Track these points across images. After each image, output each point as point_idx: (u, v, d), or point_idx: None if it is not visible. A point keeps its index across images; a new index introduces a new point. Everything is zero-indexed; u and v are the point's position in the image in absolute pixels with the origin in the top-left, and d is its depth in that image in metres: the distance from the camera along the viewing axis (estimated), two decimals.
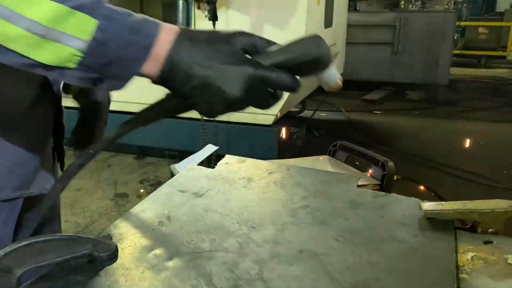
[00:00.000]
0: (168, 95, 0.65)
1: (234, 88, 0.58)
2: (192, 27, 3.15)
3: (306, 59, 0.60)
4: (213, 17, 2.84)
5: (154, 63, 0.58)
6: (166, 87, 0.62)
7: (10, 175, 0.75)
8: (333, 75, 0.66)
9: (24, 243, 0.54)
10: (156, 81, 0.60)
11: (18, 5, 0.52)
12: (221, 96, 0.59)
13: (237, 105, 0.61)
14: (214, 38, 0.59)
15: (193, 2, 3.11)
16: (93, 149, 0.67)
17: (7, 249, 0.53)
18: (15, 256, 0.53)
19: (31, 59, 0.54)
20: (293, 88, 0.62)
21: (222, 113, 0.63)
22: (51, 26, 0.52)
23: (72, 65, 0.55)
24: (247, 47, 0.60)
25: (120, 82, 0.60)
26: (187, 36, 0.59)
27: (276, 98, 0.63)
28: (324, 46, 0.60)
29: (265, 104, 0.62)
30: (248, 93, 0.59)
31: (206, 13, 2.87)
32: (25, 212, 0.81)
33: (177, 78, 0.59)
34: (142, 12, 5.17)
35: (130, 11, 0.59)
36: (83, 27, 0.53)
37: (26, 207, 0.81)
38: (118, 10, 0.57)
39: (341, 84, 0.68)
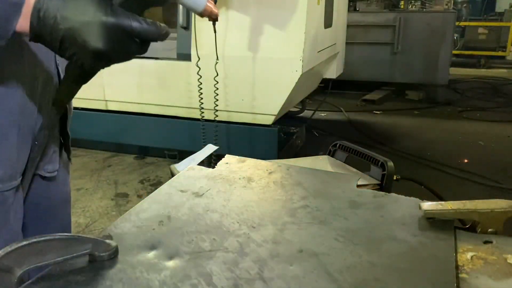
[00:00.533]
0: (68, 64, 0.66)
1: (96, 39, 0.59)
2: (192, 27, 3.15)
3: None
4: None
5: (25, 20, 0.59)
6: (41, 43, 0.62)
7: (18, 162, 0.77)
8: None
9: (24, 243, 0.54)
10: (31, 38, 0.61)
11: None
12: (86, 48, 0.60)
13: (103, 57, 0.61)
14: None
15: None
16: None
17: (7, 249, 0.53)
18: (15, 256, 0.53)
19: None
20: (154, 36, 0.62)
21: (92, 65, 0.63)
22: None
23: None
24: None
25: None
26: None
27: (142, 48, 0.63)
28: None
29: (127, 55, 0.63)
30: (110, 43, 0.59)
31: None
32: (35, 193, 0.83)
33: (46, 33, 0.60)
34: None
35: None
36: None
37: (36, 190, 0.83)
38: None
39: (214, 9, 0.65)
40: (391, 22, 6.01)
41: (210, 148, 1.70)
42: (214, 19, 0.70)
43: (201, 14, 0.68)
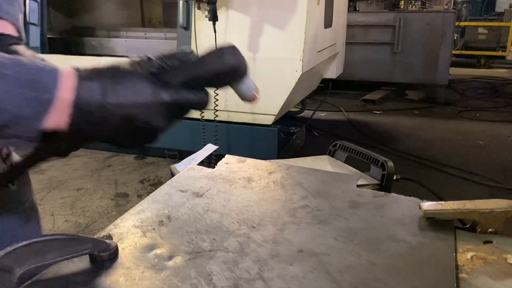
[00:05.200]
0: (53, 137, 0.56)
1: (158, 119, 0.55)
2: (192, 27, 3.15)
3: (221, 69, 0.58)
4: (213, 17, 2.84)
5: (58, 116, 0.51)
6: (79, 135, 0.56)
7: None
8: (250, 86, 0.66)
9: (24, 243, 0.54)
10: (66, 131, 0.53)
11: None
12: (147, 130, 0.56)
13: (162, 132, 0.57)
14: (118, 73, 0.54)
15: (193, 2, 3.11)
16: None
17: (7, 249, 0.53)
18: (15, 256, 0.53)
19: None
20: (204, 106, 0.60)
21: (150, 142, 0.59)
22: None
23: None
24: (155, 70, 0.56)
25: (19, 141, 0.53)
26: (89, 77, 0.53)
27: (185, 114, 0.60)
28: (240, 55, 0.59)
29: (177, 122, 0.60)
30: (171, 119, 0.57)
31: (206, 13, 2.87)
32: None
33: (93, 125, 0.53)
34: (142, 12, 5.15)
35: (19, 58, 0.51)
36: None
37: None
38: (6, 62, 0.49)
39: (258, 96, 0.67)
40: (391, 22, 6.01)
41: (210, 148, 1.71)
42: (252, 102, 0.72)
43: (248, 100, 0.70)
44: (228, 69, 0.58)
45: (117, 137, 0.56)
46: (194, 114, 3.37)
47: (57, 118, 0.51)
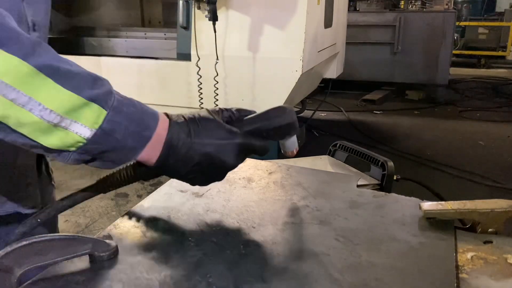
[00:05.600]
0: (134, 165, 0.68)
1: (230, 157, 0.66)
2: (192, 27, 3.15)
3: (281, 124, 0.69)
4: (213, 17, 2.84)
5: (151, 150, 0.61)
6: (163, 170, 0.65)
7: None
8: (295, 142, 0.77)
9: (24, 243, 0.54)
10: (153, 166, 0.63)
11: (37, 92, 0.50)
12: (221, 167, 0.67)
13: (230, 170, 0.69)
14: (200, 118, 0.65)
15: (193, 2, 3.11)
16: (40, 217, 0.66)
17: (7, 249, 0.53)
18: (15, 256, 0.53)
19: (36, 142, 0.53)
20: (266, 153, 0.72)
21: (220, 179, 0.70)
22: (65, 116, 0.52)
23: (73, 149, 0.55)
24: (226, 118, 0.69)
25: (113, 165, 0.62)
26: (178, 120, 0.64)
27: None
28: (295, 115, 0.71)
29: (242, 161, 0.71)
30: (239, 159, 0.68)
31: (206, 13, 2.87)
32: None
33: (178, 160, 0.63)
34: (142, 11, 5.14)
35: (132, 99, 0.61)
36: (94, 118, 0.54)
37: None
38: (124, 101, 0.59)
39: (296, 153, 0.79)
40: (391, 22, 6.01)
41: None
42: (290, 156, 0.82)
43: (288, 154, 0.80)
44: (286, 125, 0.70)
45: (195, 172, 0.66)
46: None
47: (151, 151, 0.61)
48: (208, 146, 0.64)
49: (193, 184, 0.71)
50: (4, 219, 0.79)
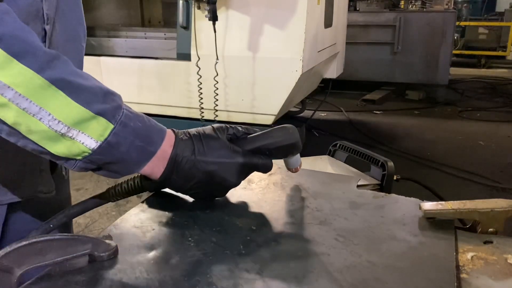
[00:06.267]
0: (141, 176, 0.71)
1: (232, 176, 0.69)
2: (192, 27, 3.15)
3: (284, 144, 0.71)
4: (213, 17, 2.84)
5: (155, 165, 0.64)
6: (166, 183, 0.69)
7: None
8: (298, 160, 0.79)
9: (24, 243, 0.54)
10: (157, 179, 0.66)
11: (47, 103, 0.54)
12: (223, 185, 0.70)
13: (232, 187, 0.72)
14: (205, 136, 0.68)
15: (193, 2, 3.11)
16: (53, 223, 0.69)
17: (7, 249, 0.53)
18: (15, 256, 0.53)
19: (44, 148, 0.57)
20: (268, 170, 0.75)
21: (222, 196, 0.75)
22: (73, 127, 0.56)
23: (79, 158, 0.59)
24: (231, 136, 0.71)
25: (118, 175, 0.64)
26: (183, 138, 0.67)
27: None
28: (298, 134, 0.73)
29: (244, 179, 0.74)
30: (240, 178, 0.71)
31: (206, 13, 2.87)
32: (13, 214, 0.82)
33: (181, 176, 0.66)
34: (142, 11, 5.15)
35: (142, 115, 0.64)
36: (100, 131, 0.57)
37: (14, 210, 0.82)
38: (133, 116, 0.62)
39: (299, 169, 0.82)
40: (391, 22, 6.01)
41: None
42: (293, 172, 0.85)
43: (291, 170, 0.83)
44: (289, 145, 0.72)
45: (197, 188, 0.69)
46: (194, 114, 3.37)
47: (155, 166, 0.64)
48: (210, 164, 0.66)
49: (195, 198, 0.74)
50: (21, 205, 0.82)
